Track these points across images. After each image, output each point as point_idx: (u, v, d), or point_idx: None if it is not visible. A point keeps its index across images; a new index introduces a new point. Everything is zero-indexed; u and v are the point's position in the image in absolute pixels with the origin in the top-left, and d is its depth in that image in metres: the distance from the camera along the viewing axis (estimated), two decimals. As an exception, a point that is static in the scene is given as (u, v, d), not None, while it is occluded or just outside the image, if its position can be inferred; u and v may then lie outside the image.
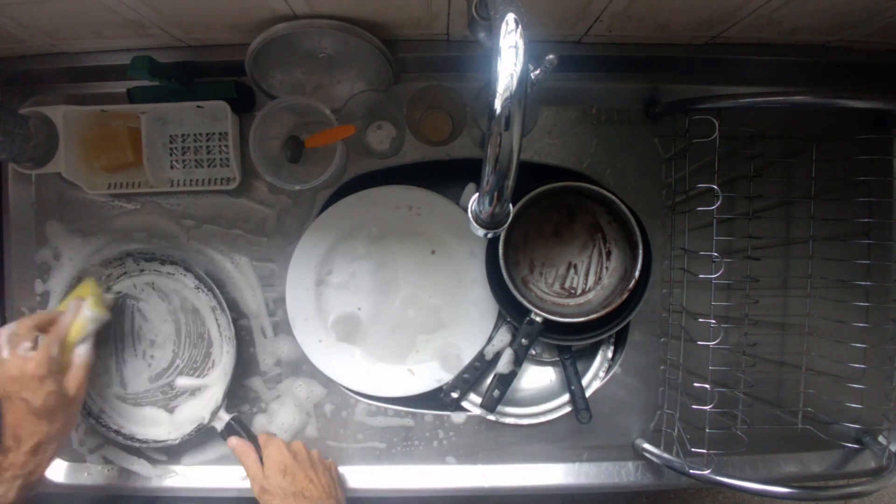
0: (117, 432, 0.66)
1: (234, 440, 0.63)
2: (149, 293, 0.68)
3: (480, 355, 0.70)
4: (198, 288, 0.67)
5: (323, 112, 0.63)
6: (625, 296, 0.64)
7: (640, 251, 0.63)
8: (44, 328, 0.58)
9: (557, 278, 0.72)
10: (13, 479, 0.53)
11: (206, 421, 0.65)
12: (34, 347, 0.56)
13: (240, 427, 0.65)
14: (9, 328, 0.57)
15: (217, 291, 0.65)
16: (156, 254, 0.66)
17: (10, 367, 0.54)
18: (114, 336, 0.68)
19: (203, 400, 0.68)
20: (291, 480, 0.59)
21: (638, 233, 0.63)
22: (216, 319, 0.68)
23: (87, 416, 0.66)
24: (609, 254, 0.71)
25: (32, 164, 0.64)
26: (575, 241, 0.72)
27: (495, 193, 0.38)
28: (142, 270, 0.67)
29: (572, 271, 0.72)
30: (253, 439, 0.64)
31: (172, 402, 0.69)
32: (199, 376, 0.68)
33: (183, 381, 0.68)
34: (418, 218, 0.71)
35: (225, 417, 0.65)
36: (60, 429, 0.56)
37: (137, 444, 0.66)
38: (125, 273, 0.67)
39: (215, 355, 0.68)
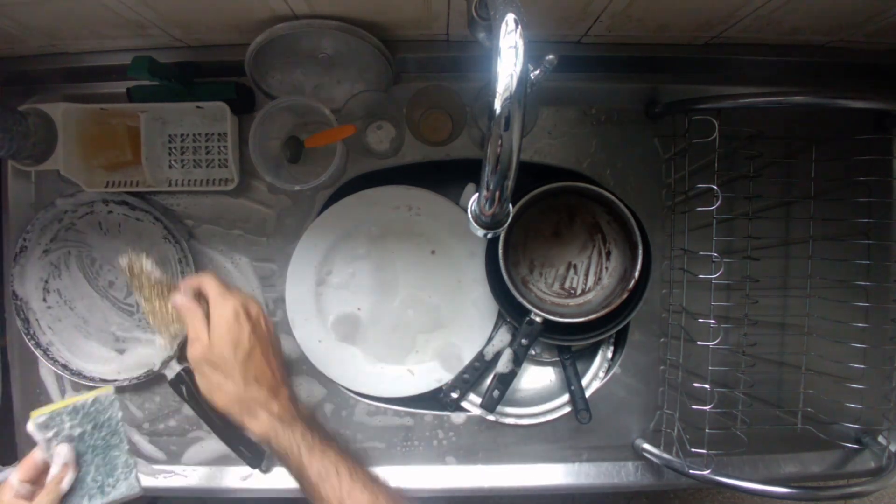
0: (65, 367, 0.66)
1: (179, 298, 0.52)
2: (114, 233, 0.68)
3: (480, 355, 0.70)
4: (166, 238, 0.66)
5: (323, 112, 0.63)
6: (624, 296, 0.64)
7: (640, 251, 0.63)
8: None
9: (557, 278, 0.72)
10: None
11: (155, 368, 0.64)
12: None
13: (190, 379, 0.61)
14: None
15: (185, 244, 0.65)
16: (127, 200, 0.66)
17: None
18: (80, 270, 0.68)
19: (156, 348, 0.67)
20: (244, 358, 0.49)
21: (637, 233, 0.63)
22: (181, 272, 0.66)
23: (36, 347, 0.66)
24: (609, 254, 0.71)
25: (31, 161, 0.64)
26: (575, 241, 0.72)
27: (495, 193, 0.38)
28: (109, 212, 0.67)
29: (572, 271, 0.72)
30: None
31: (122, 344, 0.69)
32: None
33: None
34: (418, 218, 0.71)
35: (176, 368, 0.63)
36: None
37: (83, 382, 0.66)
38: (91, 212, 0.67)
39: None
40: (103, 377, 0.66)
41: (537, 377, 0.77)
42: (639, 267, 0.63)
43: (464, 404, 0.70)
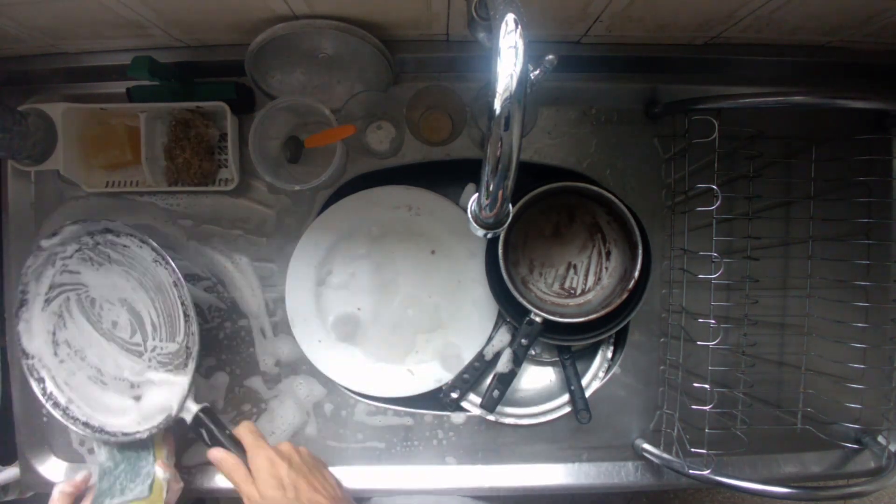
0: (86, 425, 0.62)
1: (217, 452, 0.55)
2: (106, 266, 0.63)
3: (480, 355, 0.70)
4: (156, 262, 0.61)
5: (322, 112, 0.63)
6: (624, 296, 0.64)
7: (640, 251, 0.63)
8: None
9: (557, 278, 0.72)
10: None
11: (173, 412, 0.60)
12: None
13: (210, 420, 0.58)
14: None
15: (174, 265, 0.59)
16: (109, 228, 0.61)
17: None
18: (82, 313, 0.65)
19: (170, 387, 0.63)
20: (294, 494, 0.51)
21: (637, 233, 0.63)
22: (179, 298, 0.62)
23: (55, 408, 0.62)
24: (609, 254, 0.71)
25: (31, 161, 0.64)
26: (574, 241, 0.72)
27: (495, 193, 0.38)
28: (96, 244, 0.63)
29: (572, 271, 0.72)
30: (227, 438, 0.57)
31: (137, 390, 0.64)
32: (167, 369, 0.63)
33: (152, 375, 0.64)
34: (418, 218, 0.71)
35: (193, 409, 0.59)
36: None
37: (106, 437, 0.62)
38: (79, 248, 0.63)
39: (179, 336, 0.63)
40: (125, 430, 0.62)
41: (537, 377, 0.77)
42: (639, 267, 0.63)
43: (464, 404, 0.70)
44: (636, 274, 0.63)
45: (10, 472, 0.70)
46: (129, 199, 0.68)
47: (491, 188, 0.37)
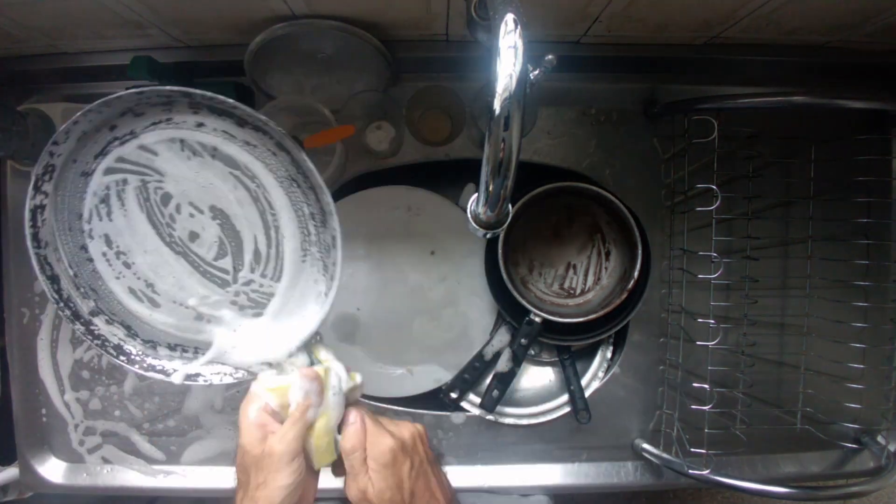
0: (119, 349, 0.48)
1: (355, 413, 0.47)
2: (204, 162, 0.46)
3: (479, 355, 0.70)
4: (292, 181, 0.45)
5: (322, 112, 0.63)
6: (624, 296, 0.64)
7: (640, 251, 0.63)
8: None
9: (556, 278, 0.72)
10: None
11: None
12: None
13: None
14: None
15: (328, 196, 0.44)
16: (234, 111, 0.43)
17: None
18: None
19: (255, 339, 0.49)
20: (411, 500, 0.44)
21: (637, 233, 0.63)
22: (316, 234, 0.46)
23: (74, 320, 0.47)
24: (608, 254, 0.71)
25: (30, 161, 0.64)
26: (574, 241, 0.72)
27: (495, 193, 0.38)
28: (200, 126, 0.45)
29: (571, 271, 0.72)
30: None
31: (202, 326, 0.50)
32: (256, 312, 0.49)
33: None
34: (417, 218, 0.71)
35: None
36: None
37: (144, 372, 0.48)
38: (169, 118, 0.44)
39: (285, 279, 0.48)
40: (170, 371, 0.47)
41: (537, 377, 0.77)
42: (638, 267, 0.63)
43: (463, 404, 0.70)
44: (636, 274, 0.63)
45: (10, 473, 0.70)
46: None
47: (490, 188, 0.37)
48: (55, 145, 0.42)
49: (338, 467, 0.47)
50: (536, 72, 0.41)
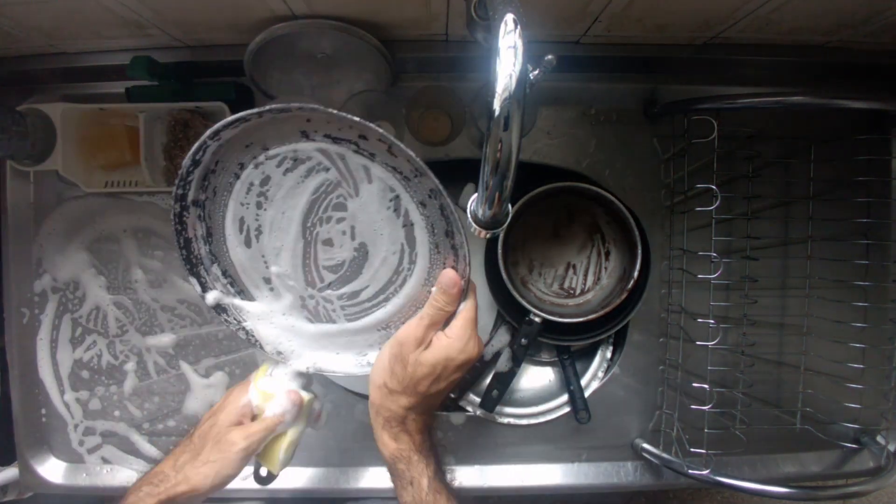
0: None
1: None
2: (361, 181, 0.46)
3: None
4: (428, 201, 0.46)
5: (322, 112, 0.63)
6: (623, 296, 0.64)
7: (639, 251, 0.63)
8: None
9: (556, 278, 0.72)
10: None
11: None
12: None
13: None
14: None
15: (458, 221, 0.45)
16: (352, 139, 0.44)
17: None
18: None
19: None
20: (443, 388, 0.46)
21: (637, 233, 0.63)
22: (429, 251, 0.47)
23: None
24: (608, 254, 0.71)
25: (30, 161, 0.64)
26: (574, 241, 0.72)
27: (494, 194, 0.38)
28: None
29: (571, 272, 0.72)
30: None
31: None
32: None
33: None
34: (417, 218, 0.71)
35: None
36: (188, 465, 0.48)
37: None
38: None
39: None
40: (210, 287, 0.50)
41: (536, 377, 0.77)
42: (638, 267, 0.63)
43: (463, 404, 0.70)
44: (635, 274, 0.63)
45: (9, 473, 0.70)
46: (128, 198, 0.68)
47: (490, 188, 0.37)
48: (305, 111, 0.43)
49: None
50: (536, 72, 0.41)
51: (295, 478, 0.69)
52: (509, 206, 0.41)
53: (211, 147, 0.45)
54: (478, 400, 0.71)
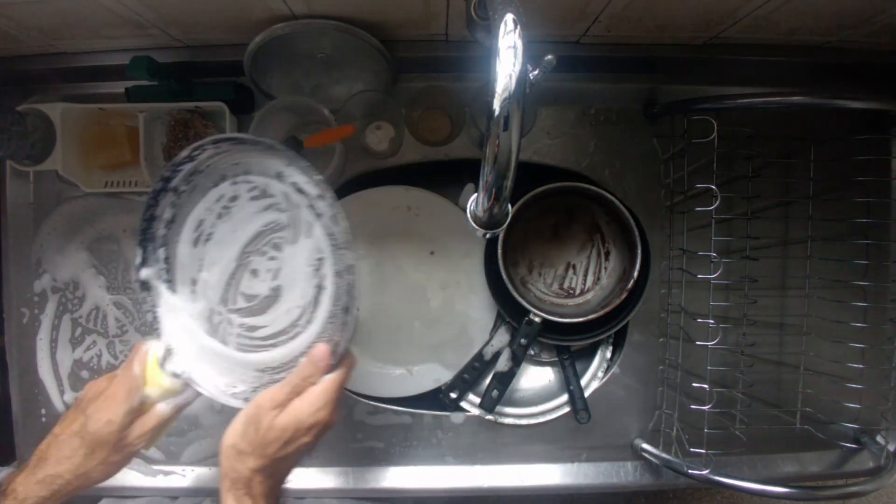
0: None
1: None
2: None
3: (479, 355, 0.70)
4: (344, 274, 0.47)
5: (321, 112, 0.63)
6: (623, 296, 0.64)
7: (639, 251, 0.63)
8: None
9: (556, 279, 0.72)
10: None
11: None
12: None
13: None
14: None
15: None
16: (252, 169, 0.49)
17: (101, 381, 0.49)
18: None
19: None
20: (296, 450, 0.46)
21: (637, 233, 0.63)
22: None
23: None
24: (608, 254, 0.71)
25: (30, 161, 0.64)
26: (573, 241, 0.72)
27: (494, 193, 0.38)
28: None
29: (571, 272, 0.72)
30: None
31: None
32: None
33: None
34: (417, 218, 0.71)
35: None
36: (91, 469, 0.48)
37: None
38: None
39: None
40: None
41: (536, 377, 0.77)
42: (637, 267, 0.63)
43: (463, 404, 0.70)
44: (635, 274, 0.63)
45: (8, 473, 0.70)
46: (128, 199, 0.68)
47: (490, 188, 0.37)
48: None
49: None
50: (536, 72, 0.41)
51: (295, 478, 0.68)
52: (509, 206, 0.41)
53: (208, 151, 0.49)
54: (478, 400, 0.71)
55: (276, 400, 0.45)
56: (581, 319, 0.64)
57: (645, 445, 0.67)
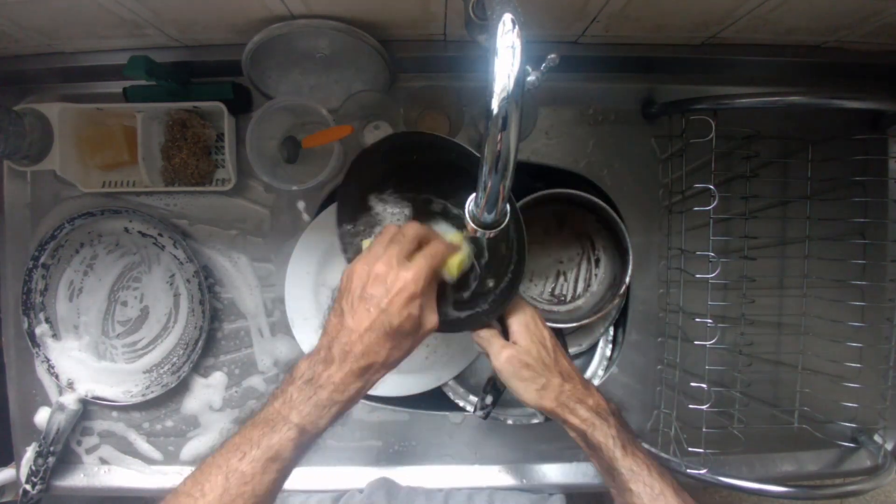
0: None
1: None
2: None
3: (478, 355, 0.70)
4: (192, 279, 0.66)
5: (320, 112, 0.63)
6: (615, 301, 0.64)
7: (630, 258, 0.63)
8: (423, 244, 0.48)
9: (547, 285, 0.72)
10: (329, 403, 0.45)
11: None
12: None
13: None
14: (392, 228, 0.49)
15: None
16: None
17: (381, 267, 0.45)
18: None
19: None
20: (555, 357, 0.51)
21: (627, 239, 0.63)
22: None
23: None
24: (598, 261, 0.72)
25: (27, 161, 0.64)
26: (564, 248, 0.72)
27: (493, 194, 0.38)
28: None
29: (562, 279, 0.72)
30: None
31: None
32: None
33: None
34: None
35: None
36: (397, 358, 0.47)
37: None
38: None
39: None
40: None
41: (535, 377, 0.77)
42: (629, 273, 0.63)
43: (462, 404, 0.70)
44: (626, 280, 0.63)
45: (7, 474, 0.69)
46: (125, 199, 0.68)
47: (488, 188, 0.37)
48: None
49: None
50: (539, 71, 0.41)
51: (294, 478, 0.68)
52: (507, 206, 0.41)
53: (66, 229, 0.65)
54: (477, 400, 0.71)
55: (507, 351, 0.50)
56: (573, 325, 0.65)
57: (644, 445, 0.67)
